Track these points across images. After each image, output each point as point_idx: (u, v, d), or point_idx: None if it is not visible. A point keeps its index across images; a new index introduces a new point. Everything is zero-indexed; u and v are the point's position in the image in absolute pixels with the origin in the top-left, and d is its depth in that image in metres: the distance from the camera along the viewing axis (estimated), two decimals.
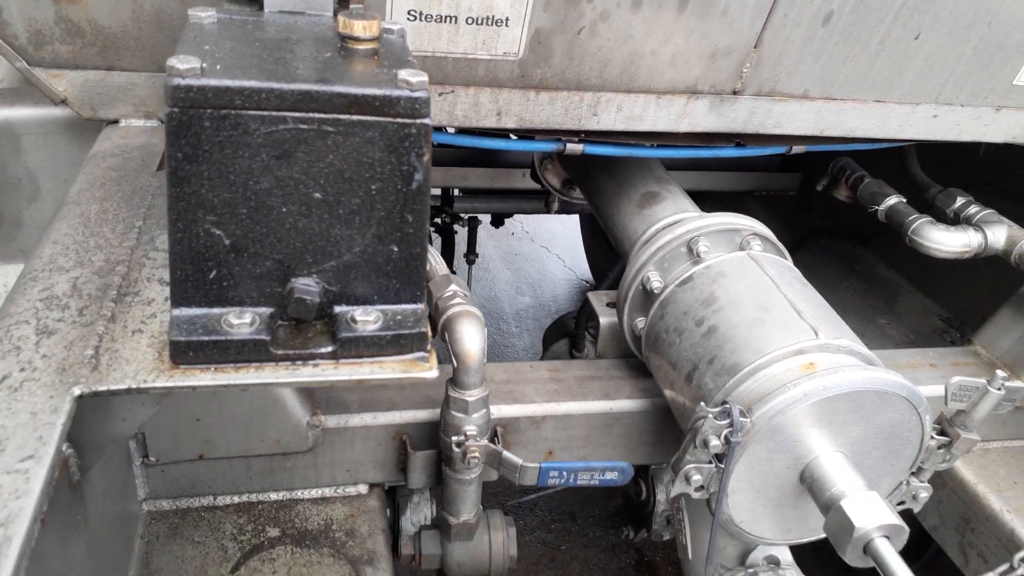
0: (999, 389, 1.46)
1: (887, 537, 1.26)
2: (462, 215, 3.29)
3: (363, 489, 1.84)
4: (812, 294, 1.64)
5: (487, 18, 1.48)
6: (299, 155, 0.88)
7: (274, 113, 0.85)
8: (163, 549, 1.62)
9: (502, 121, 1.66)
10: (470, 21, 1.48)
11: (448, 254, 3.75)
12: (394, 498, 2.26)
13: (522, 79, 1.60)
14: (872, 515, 1.28)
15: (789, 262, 1.78)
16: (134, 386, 0.89)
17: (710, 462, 1.42)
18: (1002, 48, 1.78)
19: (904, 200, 2.26)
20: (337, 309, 0.98)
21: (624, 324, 1.89)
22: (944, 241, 2.10)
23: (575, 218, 5.56)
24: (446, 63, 1.54)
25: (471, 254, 3.50)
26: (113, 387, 0.88)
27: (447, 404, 1.60)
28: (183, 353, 0.91)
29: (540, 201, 3.27)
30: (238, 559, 1.64)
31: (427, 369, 0.97)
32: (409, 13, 1.45)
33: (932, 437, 1.51)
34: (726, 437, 1.37)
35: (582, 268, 5.78)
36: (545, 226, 6.32)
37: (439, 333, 1.65)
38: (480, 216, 3.87)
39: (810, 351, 1.46)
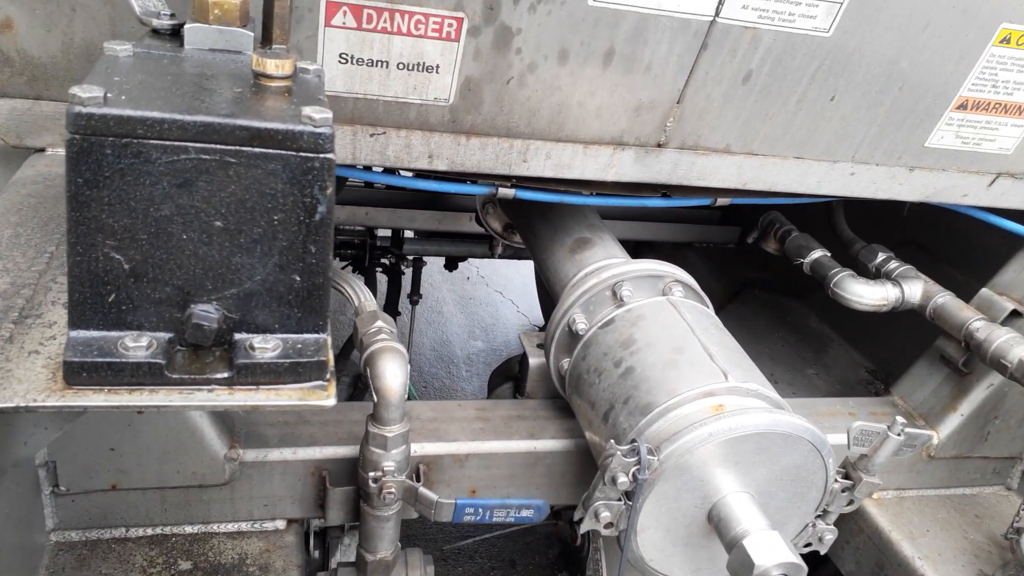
0: (899, 434, 1.51)
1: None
2: (408, 256, 3.32)
3: (280, 524, 1.82)
4: (726, 339, 1.69)
5: (418, 64, 1.53)
6: (200, 184, 0.90)
7: (176, 143, 0.88)
8: None
9: (433, 164, 1.70)
10: (401, 67, 1.53)
11: (394, 294, 3.77)
12: (324, 539, 2.24)
13: (453, 124, 1.65)
14: (772, 554, 1.31)
15: (709, 309, 1.83)
16: (23, 404, 0.89)
17: (619, 499, 1.44)
18: (913, 111, 1.88)
19: (828, 254, 2.35)
20: (237, 336, 0.99)
21: (551, 365, 1.92)
22: (863, 294, 2.19)
23: (530, 264, 5.64)
24: (378, 105, 1.58)
25: (415, 295, 3.52)
26: (1, 405, 0.88)
27: (366, 440, 1.61)
28: (76, 373, 0.92)
29: (486, 245, 3.32)
30: None
31: (324, 397, 0.99)
32: (340, 56, 1.49)
33: (836, 480, 1.55)
34: (634, 474, 1.40)
35: (535, 314, 5.82)
36: (500, 271, 6.38)
37: (361, 367, 1.66)
38: (433, 259, 3.91)
39: (719, 393, 1.50)
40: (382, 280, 3.94)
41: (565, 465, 1.90)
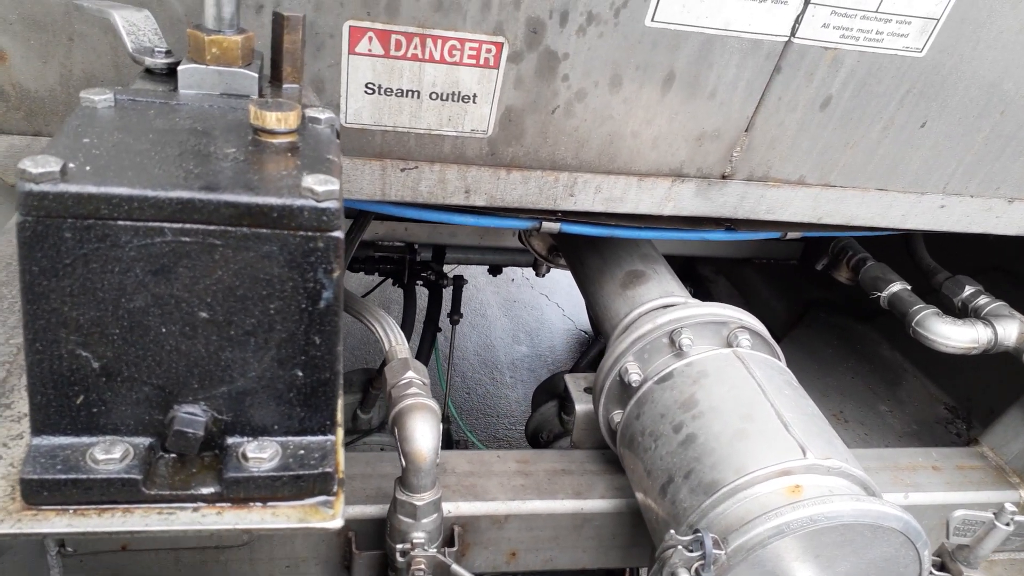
0: (1007, 524, 1.30)
1: None
2: (447, 275, 3.16)
3: None
4: (804, 402, 1.49)
5: (453, 94, 1.37)
6: (180, 271, 0.75)
7: (149, 224, 0.72)
8: None
9: (471, 199, 1.54)
10: (434, 96, 1.36)
11: (435, 310, 3.63)
12: None
13: (492, 157, 1.48)
14: None
15: (781, 362, 1.63)
16: None
17: None
18: (1015, 138, 1.65)
19: (908, 288, 2.12)
20: (229, 440, 0.84)
21: (600, 415, 1.74)
22: (951, 336, 1.96)
23: None
24: (409, 138, 1.42)
25: (456, 314, 3.37)
26: None
27: (394, 507, 1.46)
28: (36, 493, 0.77)
29: (532, 255, 3.16)
30: None
31: (329, 518, 0.83)
32: (367, 86, 1.33)
33: (931, 573, 1.35)
34: (696, 571, 1.21)
35: (582, 318, 5.64)
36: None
37: (390, 425, 1.51)
38: (475, 267, 3.75)
39: (796, 472, 1.31)
40: (422, 293, 3.81)
41: (615, 527, 1.73)
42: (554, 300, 6.08)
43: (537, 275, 3.09)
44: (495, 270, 3.81)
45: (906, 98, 1.53)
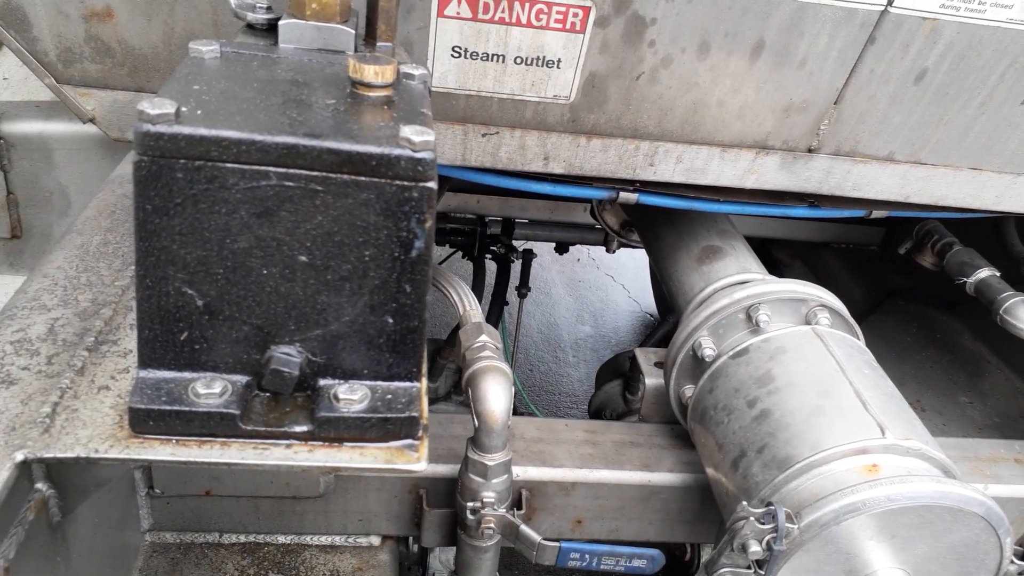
0: None
1: None
2: (517, 248, 3.17)
3: (375, 541, 1.73)
4: (883, 382, 1.45)
5: (537, 59, 1.37)
6: (283, 214, 0.78)
7: (255, 167, 0.75)
8: None
9: (549, 166, 1.54)
10: (519, 61, 1.37)
11: (503, 284, 3.65)
12: (425, 557, 2.13)
13: (573, 124, 1.48)
14: None
15: (860, 341, 1.59)
16: (83, 455, 0.80)
17: (748, 567, 1.25)
18: None
19: (997, 274, 2.04)
20: (321, 382, 0.87)
21: (670, 389, 1.74)
22: None
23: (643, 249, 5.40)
24: (491, 103, 1.43)
25: (524, 287, 3.38)
26: (60, 455, 0.80)
27: (465, 466, 1.49)
28: (143, 422, 0.82)
29: (602, 233, 3.14)
30: None
31: (414, 460, 0.85)
32: (453, 50, 1.35)
33: (1012, 562, 1.31)
34: (768, 543, 1.21)
35: (647, 300, 5.59)
36: (612, 254, 6.15)
37: (463, 386, 1.53)
38: (540, 245, 3.75)
39: (874, 451, 1.28)
40: (490, 268, 3.83)
41: (682, 501, 1.72)
42: (620, 281, 6.04)
43: (608, 251, 3.07)
44: (562, 248, 3.80)
45: (1007, 73, 1.47)
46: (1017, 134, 1.58)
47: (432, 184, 0.79)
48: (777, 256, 3.51)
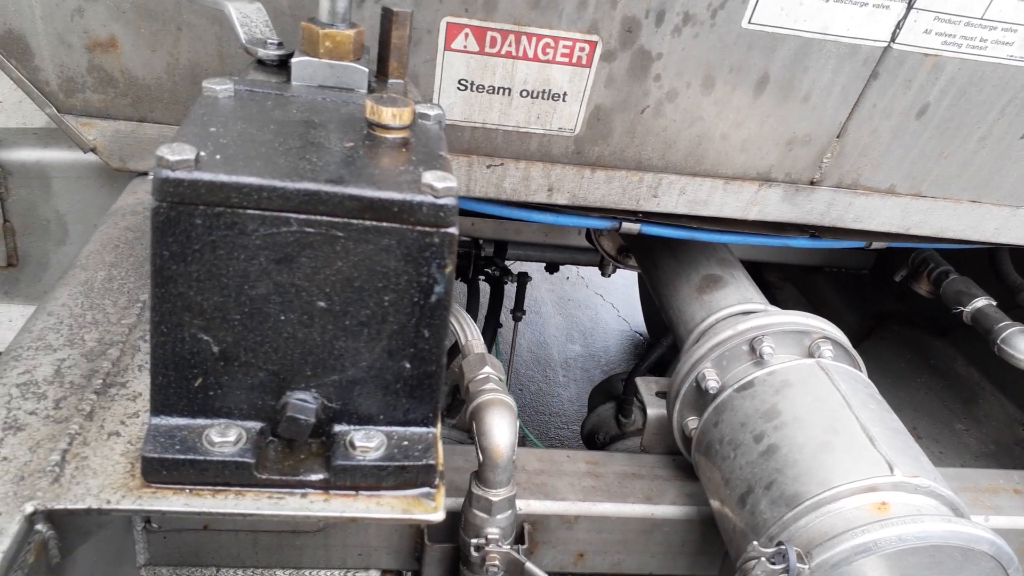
0: None
1: None
2: (511, 271, 3.17)
3: (374, 575, 1.70)
4: (888, 417, 1.45)
5: (543, 92, 1.37)
6: (303, 260, 0.77)
7: (276, 214, 0.74)
8: None
9: (553, 197, 1.54)
10: (524, 94, 1.37)
11: (496, 306, 3.64)
12: None
13: (578, 156, 1.48)
14: None
15: (863, 374, 1.59)
16: (95, 506, 0.78)
17: None
18: None
19: (994, 303, 2.05)
20: (336, 428, 0.86)
21: (673, 420, 1.73)
22: None
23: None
24: (496, 135, 1.43)
25: (518, 311, 3.37)
26: (71, 506, 0.78)
27: (469, 501, 1.47)
28: (155, 471, 0.80)
29: (595, 255, 3.14)
30: None
31: (431, 510, 0.84)
32: (460, 83, 1.34)
33: None
34: None
35: (636, 319, 5.60)
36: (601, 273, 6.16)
37: (467, 420, 1.52)
38: (530, 264, 3.75)
39: (883, 488, 1.28)
40: (483, 291, 3.82)
41: (685, 534, 1.71)
42: (609, 300, 6.05)
43: (603, 275, 3.07)
44: (552, 267, 3.80)
45: (1007, 108, 1.49)
46: (1017, 168, 1.59)
47: (454, 230, 0.78)
48: (768, 278, 3.52)
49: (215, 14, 1.25)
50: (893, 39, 1.38)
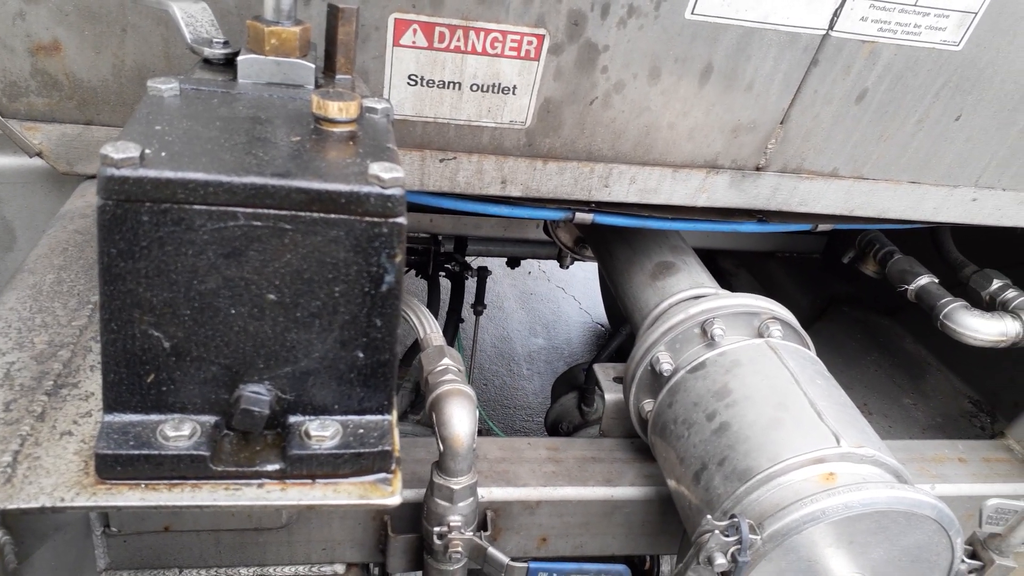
0: None
1: None
2: (471, 266, 3.19)
3: (339, 569, 1.71)
4: (836, 392, 1.50)
5: (493, 86, 1.39)
6: (251, 254, 0.78)
7: (223, 208, 0.75)
8: None
9: (507, 189, 1.56)
10: (475, 88, 1.39)
11: (457, 301, 3.65)
12: None
13: (529, 148, 1.50)
14: None
15: (811, 352, 1.65)
16: (49, 504, 0.78)
17: None
18: None
19: (936, 281, 2.12)
20: (292, 419, 0.87)
21: (630, 404, 1.76)
22: (979, 328, 1.96)
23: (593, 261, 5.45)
24: (448, 129, 1.44)
25: (479, 305, 3.39)
26: (24, 505, 0.78)
27: (431, 490, 1.49)
28: (110, 467, 0.80)
29: (554, 248, 3.18)
30: None
31: (388, 494, 0.86)
32: (410, 78, 1.35)
33: (963, 561, 1.36)
34: (733, 555, 1.23)
35: (598, 311, 5.66)
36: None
37: (427, 411, 1.54)
38: (492, 259, 3.77)
39: (830, 460, 1.32)
40: (444, 285, 3.83)
41: (644, 514, 1.75)
42: (570, 293, 6.10)
43: (561, 267, 3.10)
44: (513, 262, 3.82)
45: (942, 91, 1.54)
46: (953, 149, 1.65)
47: (402, 219, 0.80)
48: (723, 266, 3.59)
49: (160, 15, 1.25)
50: (831, 27, 1.43)
